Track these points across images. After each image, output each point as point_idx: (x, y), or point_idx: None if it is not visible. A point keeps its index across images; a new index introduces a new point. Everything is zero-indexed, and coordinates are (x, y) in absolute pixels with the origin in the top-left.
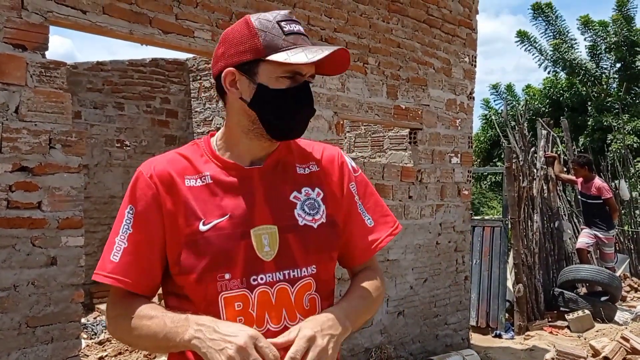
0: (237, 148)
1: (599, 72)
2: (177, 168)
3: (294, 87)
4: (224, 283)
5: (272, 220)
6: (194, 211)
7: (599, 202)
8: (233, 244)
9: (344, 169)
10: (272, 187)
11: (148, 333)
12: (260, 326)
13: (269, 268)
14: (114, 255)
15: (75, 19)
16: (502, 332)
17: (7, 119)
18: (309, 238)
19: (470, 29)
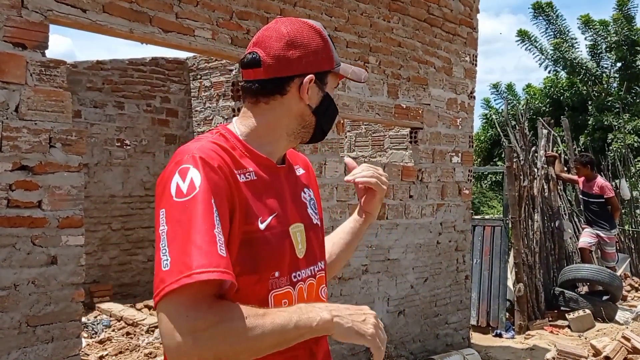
0: (271, 147)
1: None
2: (229, 160)
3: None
4: (275, 281)
5: (300, 218)
6: (251, 208)
7: (601, 201)
8: (282, 242)
9: (314, 173)
10: (292, 186)
11: (274, 328)
12: None
13: (303, 264)
14: (221, 249)
15: (75, 18)
16: (502, 331)
17: (7, 117)
18: (320, 235)
19: (471, 28)
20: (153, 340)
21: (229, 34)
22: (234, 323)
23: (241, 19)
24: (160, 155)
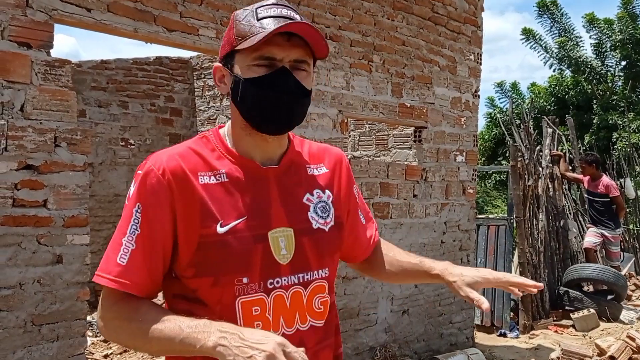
0: (243, 145)
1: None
2: (190, 164)
3: (268, 74)
4: (242, 287)
5: (287, 222)
6: (210, 211)
7: (606, 200)
8: (251, 247)
9: (349, 171)
10: (286, 188)
11: (160, 337)
12: (275, 330)
13: (285, 271)
14: (121, 258)
15: (79, 17)
16: (506, 331)
17: (12, 117)
18: (322, 241)
19: (476, 26)
20: None
21: None
22: (128, 323)
23: None
24: None
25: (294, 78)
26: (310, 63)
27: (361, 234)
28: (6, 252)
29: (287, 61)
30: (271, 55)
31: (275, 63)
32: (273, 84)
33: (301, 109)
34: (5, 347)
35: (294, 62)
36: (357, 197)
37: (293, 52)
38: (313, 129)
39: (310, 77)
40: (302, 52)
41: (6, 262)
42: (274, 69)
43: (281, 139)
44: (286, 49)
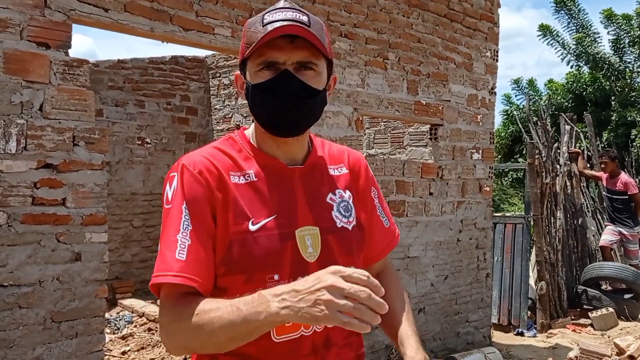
0: (267, 146)
1: (622, 66)
2: (221, 163)
3: (271, 78)
4: (273, 284)
5: (313, 221)
6: (242, 210)
7: (625, 198)
8: (281, 244)
9: (368, 173)
10: (311, 188)
11: (222, 324)
12: (307, 328)
13: (313, 269)
14: (180, 254)
15: (97, 17)
16: (524, 330)
17: (31, 116)
18: (346, 240)
19: (492, 23)
20: None
21: None
22: (183, 322)
23: None
24: (180, 153)
25: (297, 80)
26: (319, 63)
27: (377, 236)
28: (26, 250)
29: (289, 64)
30: (273, 59)
31: (279, 66)
32: (276, 88)
33: (308, 110)
34: (25, 344)
35: (298, 64)
36: (374, 199)
37: (296, 54)
38: (328, 127)
39: (319, 77)
40: (307, 53)
41: (26, 260)
42: (277, 72)
43: (301, 141)
44: (288, 51)
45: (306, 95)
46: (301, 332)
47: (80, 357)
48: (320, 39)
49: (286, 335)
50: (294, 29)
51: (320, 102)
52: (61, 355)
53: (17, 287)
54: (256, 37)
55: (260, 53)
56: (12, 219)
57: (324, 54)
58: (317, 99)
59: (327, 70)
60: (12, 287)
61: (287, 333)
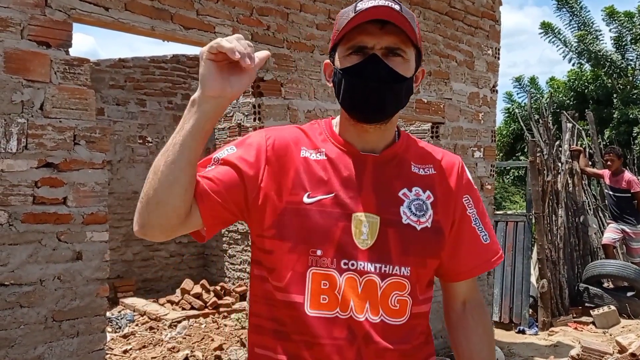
0: (348, 134)
1: (624, 63)
2: (295, 138)
3: (358, 63)
4: (316, 259)
5: (375, 210)
6: (301, 181)
7: (628, 196)
8: (332, 223)
9: (463, 179)
10: (382, 178)
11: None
12: (343, 311)
13: (362, 256)
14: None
15: (97, 16)
16: (525, 327)
17: (32, 115)
18: (409, 238)
19: (494, 21)
20: (176, 334)
21: (249, 30)
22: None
23: (261, 15)
24: None
25: (384, 64)
26: (408, 51)
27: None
28: (27, 249)
29: (378, 48)
30: (362, 44)
31: (367, 51)
32: (362, 72)
33: (393, 96)
34: (27, 343)
35: (387, 49)
36: (466, 207)
37: (385, 39)
38: None
39: (407, 64)
40: (396, 39)
41: (27, 259)
42: (366, 56)
43: (384, 131)
44: (377, 36)
45: (392, 81)
46: (336, 313)
47: (81, 356)
48: (411, 25)
49: (320, 311)
50: (385, 13)
51: (406, 89)
52: (62, 354)
53: (18, 286)
54: (346, 22)
55: (350, 38)
56: (13, 218)
57: (414, 42)
58: (403, 86)
59: (416, 60)
60: (13, 286)
61: (322, 309)
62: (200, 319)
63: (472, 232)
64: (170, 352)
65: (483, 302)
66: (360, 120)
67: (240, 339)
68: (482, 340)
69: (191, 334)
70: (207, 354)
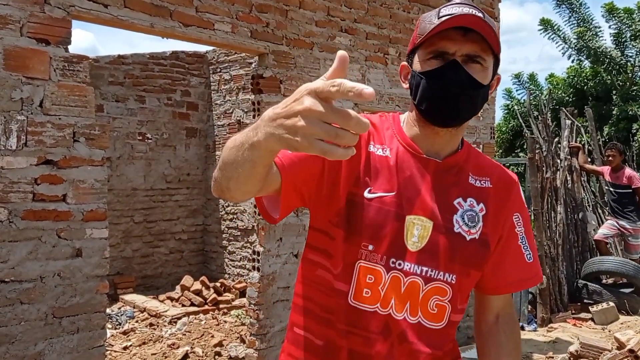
0: (416, 134)
1: (624, 60)
2: (368, 133)
3: (438, 67)
4: (366, 252)
5: (430, 215)
6: (365, 175)
7: (629, 192)
8: (387, 220)
9: (516, 197)
10: (441, 185)
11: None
12: (384, 307)
13: (410, 258)
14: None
15: (97, 13)
16: (524, 324)
17: (31, 112)
18: (458, 247)
19: (493, 18)
20: (175, 331)
21: (248, 27)
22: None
23: (260, 12)
24: (181, 149)
25: (464, 71)
26: (487, 59)
27: (510, 266)
28: (27, 246)
29: (459, 55)
30: (444, 50)
31: (448, 57)
32: (442, 76)
33: (470, 102)
34: (27, 339)
35: (467, 56)
36: (516, 225)
37: (466, 47)
38: None
39: (486, 72)
40: (477, 47)
41: (27, 256)
42: (446, 62)
43: (452, 137)
44: (459, 43)
45: (470, 87)
46: (376, 308)
47: (81, 353)
48: (494, 33)
49: (362, 303)
50: (469, 21)
51: (482, 96)
52: (63, 351)
53: (19, 283)
54: (430, 27)
55: (431, 42)
56: (13, 215)
57: (494, 50)
58: (480, 92)
59: (494, 68)
60: (14, 283)
61: (363, 302)
62: (200, 315)
63: (517, 249)
64: (170, 349)
65: (516, 317)
66: (434, 123)
67: (240, 335)
68: (511, 354)
69: (191, 330)
70: (207, 350)
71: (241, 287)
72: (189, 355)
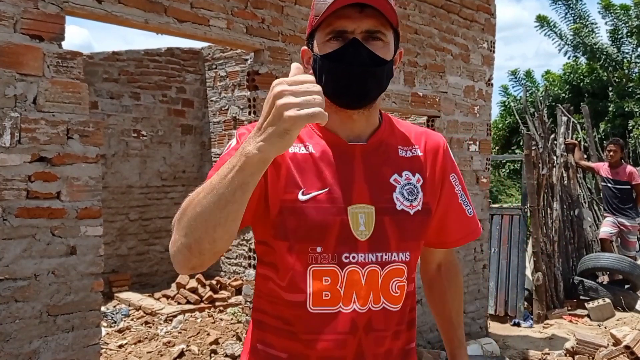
0: (332, 123)
1: (620, 56)
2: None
3: (339, 48)
4: (315, 256)
5: (370, 200)
6: (294, 179)
7: (628, 188)
8: (329, 218)
9: (447, 158)
10: (372, 167)
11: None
12: (346, 305)
13: (362, 248)
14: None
15: (90, 9)
16: (520, 320)
17: (25, 109)
18: (405, 224)
19: (489, 14)
20: (171, 329)
21: (244, 23)
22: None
23: (256, 8)
24: (177, 146)
25: (365, 48)
26: (387, 33)
27: (455, 223)
28: (21, 244)
29: (358, 32)
30: (342, 29)
31: (347, 36)
32: (343, 57)
33: (375, 79)
34: (22, 337)
35: (367, 33)
36: (454, 185)
37: (365, 23)
38: None
39: (387, 47)
40: (376, 22)
41: (21, 254)
42: (346, 41)
43: (368, 117)
44: (357, 20)
45: (374, 65)
46: (339, 307)
47: (76, 351)
48: (391, 7)
49: (322, 307)
50: None
51: (387, 72)
52: (57, 349)
53: (13, 281)
54: (325, 7)
55: (328, 23)
56: (7, 212)
57: (393, 24)
58: (385, 69)
59: (395, 42)
60: (8, 281)
61: (324, 305)
62: (196, 313)
63: (459, 207)
64: (166, 347)
65: (457, 261)
66: (343, 106)
67: (236, 333)
68: (454, 298)
69: (187, 328)
70: (203, 348)
71: (237, 285)
72: (184, 353)
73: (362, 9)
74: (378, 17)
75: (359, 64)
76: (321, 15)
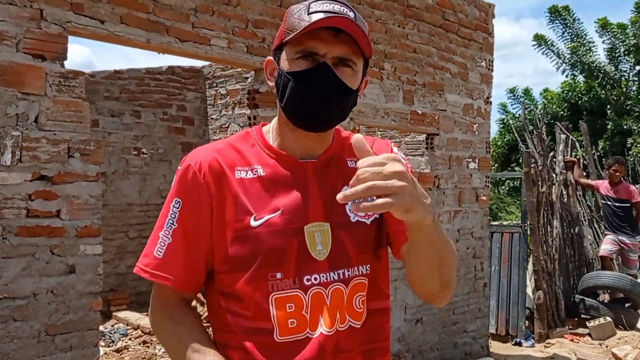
0: (285, 140)
1: (618, 75)
2: (227, 159)
3: (307, 69)
4: (276, 283)
5: (324, 217)
6: (244, 205)
7: (628, 206)
8: (285, 241)
9: None
10: (324, 182)
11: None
12: (313, 330)
13: (323, 268)
14: (158, 251)
15: (93, 29)
16: (522, 339)
17: (26, 128)
18: (361, 235)
19: (487, 33)
20: None
21: (244, 42)
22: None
23: (257, 28)
24: (177, 164)
25: (334, 74)
26: (358, 62)
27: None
28: (20, 263)
29: (329, 57)
30: (314, 50)
31: (318, 58)
32: (311, 79)
33: (339, 107)
34: (20, 357)
35: (338, 59)
36: None
37: (337, 49)
38: None
39: (356, 76)
40: (348, 50)
41: (20, 273)
42: (315, 63)
43: (324, 137)
44: (330, 44)
45: (340, 92)
46: (306, 333)
47: None
48: (365, 36)
49: (290, 336)
50: (341, 22)
51: (352, 102)
52: None
53: (12, 300)
54: (300, 24)
55: (300, 41)
56: (7, 231)
57: (365, 54)
58: (350, 98)
59: (363, 71)
60: (7, 300)
61: (291, 334)
62: None
63: None
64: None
65: None
66: (302, 127)
67: None
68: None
69: None
70: None
71: None
72: None
73: (337, 33)
74: (351, 45)
75: (325, 89)
76: (296, 33)
